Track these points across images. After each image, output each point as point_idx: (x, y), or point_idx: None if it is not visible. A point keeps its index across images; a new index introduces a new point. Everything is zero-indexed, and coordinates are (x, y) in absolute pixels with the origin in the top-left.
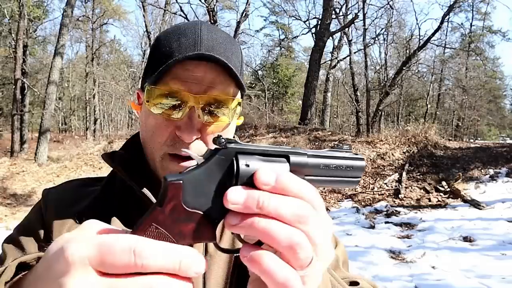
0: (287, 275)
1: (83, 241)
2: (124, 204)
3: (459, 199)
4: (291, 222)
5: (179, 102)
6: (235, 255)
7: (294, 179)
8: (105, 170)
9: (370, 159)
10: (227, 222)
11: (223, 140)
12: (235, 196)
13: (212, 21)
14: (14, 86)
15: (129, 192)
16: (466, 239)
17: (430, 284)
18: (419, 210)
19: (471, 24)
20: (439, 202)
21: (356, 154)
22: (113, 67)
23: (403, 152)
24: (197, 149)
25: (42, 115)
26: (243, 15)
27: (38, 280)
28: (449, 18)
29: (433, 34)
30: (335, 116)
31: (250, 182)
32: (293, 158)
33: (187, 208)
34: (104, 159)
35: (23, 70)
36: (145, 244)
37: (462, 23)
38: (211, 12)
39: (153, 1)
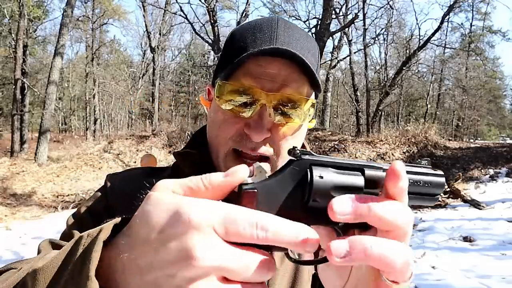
0: None
1: (206, 207)
2: None
3: (459, 199)
4: (399, 234)
5: (251, 99)
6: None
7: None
8: (105, 169)
9: (370, 159)
10: (334, 254)
11: (298, 151)
12: (343, 206)
13: (212, 21)
14: (14, 86)
15: None
16: (466, 239)
17: (430, 284)
18: (419, 210)
19: (471, 24)
20: (439, 202)
21: (436, 170)
22: (113, 67)
23: (403, 152)
24: (265, 150)
25: (42, 115)
26: (243, 15)
27: (138, 240)
28: (449, 18)
29: (433, 34)
30: (335, 116)
31: (324, 194)
32: (368, 172)
33: None
34: (176, 158)
35: (23, 70)
36: (267, 218)
37: (462, 23)
38: (211, 12)
39: (153, 1)
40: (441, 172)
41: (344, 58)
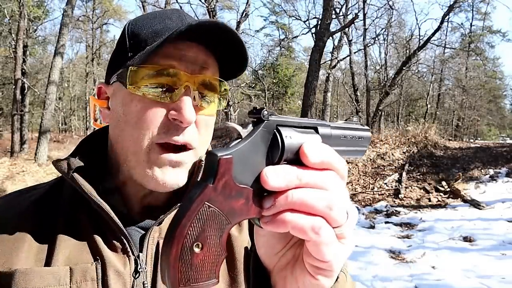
0: (313, 221)
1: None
2: (72, 212)
3: (459, 199)
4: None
5: (172, 81)
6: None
7: (334, 154)
8: None
9: (370, 159)
10: (263, 206)
11: (266, 112)
12: (275, 177)
13: None
14: (14, 86)
15: (80, 200)
16: (466, 239)
17: (430, 284)
18: (419, 210)
19: (471, 24)
20: (439, 202)
21: (364, 126)
22: None
23: (403, 152)
24: (191, 136)
25: (42, 115)
26: (243, 15)
27: None
28: (449, 18)
29: (433, 34)
30: (335, 116)
31: (294, 154)
32: (321, 130)
33: (237, 184)
34: (56, 167)
35: (23, 70)
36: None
37: (462, 23)
38: (211, 12)
39: (153, 1)
40: (368, 128)
41: (344, 58)
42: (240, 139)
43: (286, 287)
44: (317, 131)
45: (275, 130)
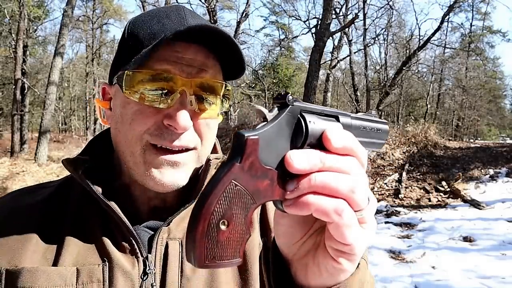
0: (336, 203)
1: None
2: (81, 211)
3: (459, 199)
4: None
5: (168, 86)
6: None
7: (356, 141)
8: None
9: (370, 159)
10: (287, 189)
11: (291, 97)
12: (299, 160)
13: (212, 21)
14: (14, 86)
15: (89, 200)
16: (466, 239)
17: (430, 284)
18: (419, 210)
19: (471, 24)
20: (439, 202)
21: (381, 118)
22: None
23: (403, 152)
24: (189, 140)
25: (42, 115)
26: (243, 15)
27: None
28: (449, 18)
29: (433, 34)
30: None
31: (317, 139)
32: (342, 119)
33: (263, 165)
34: (65, 166)
35: (23, 70)
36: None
37: (462, 23)
38: (211, 12)
39: (153, 1)
40: (386, 121)
41: (344, 58)
42: (266, 122)
43: (307, 275)
44: (338, 120)
45: (299, 115)
